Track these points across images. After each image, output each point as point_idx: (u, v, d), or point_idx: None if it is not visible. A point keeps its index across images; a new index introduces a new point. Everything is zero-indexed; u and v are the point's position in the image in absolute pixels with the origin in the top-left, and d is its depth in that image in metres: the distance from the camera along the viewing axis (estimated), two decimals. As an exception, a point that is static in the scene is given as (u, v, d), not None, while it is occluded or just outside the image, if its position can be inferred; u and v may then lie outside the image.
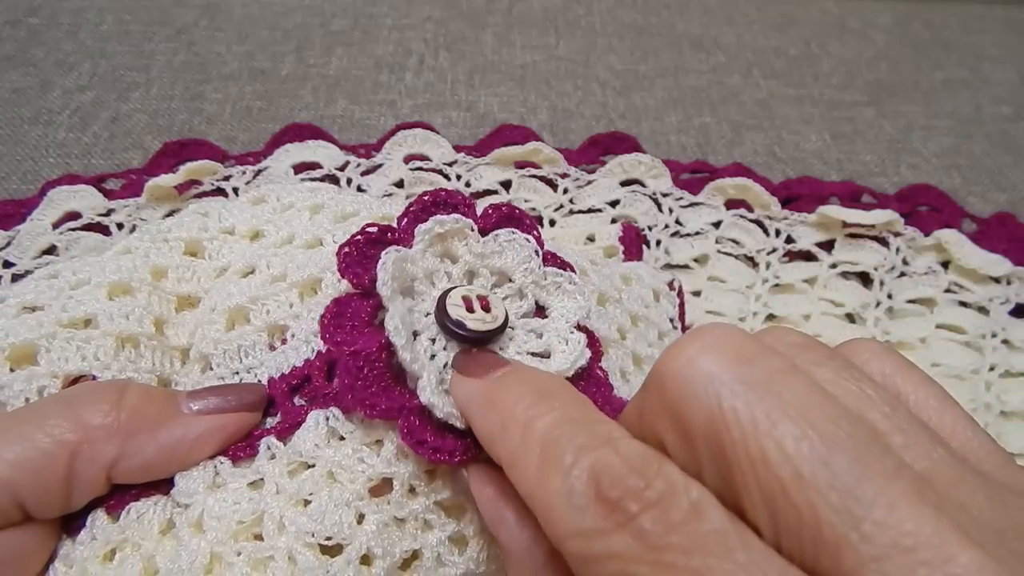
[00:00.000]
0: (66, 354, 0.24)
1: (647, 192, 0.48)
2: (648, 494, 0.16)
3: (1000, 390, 0.42)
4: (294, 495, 0.22)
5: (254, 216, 0.29)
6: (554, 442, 0.18)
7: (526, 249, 0.25)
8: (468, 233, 0.25)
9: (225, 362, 0.26)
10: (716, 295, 0.45)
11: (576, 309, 0.25)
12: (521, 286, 0.26)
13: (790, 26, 0.67)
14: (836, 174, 0.53)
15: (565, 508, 0.17)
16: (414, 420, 0.22)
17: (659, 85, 0.59)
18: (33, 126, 0.50)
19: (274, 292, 0.26)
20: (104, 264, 0.27)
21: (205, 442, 0.23)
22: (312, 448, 0.23)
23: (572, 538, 0.17)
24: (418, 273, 0.24)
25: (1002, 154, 0.57)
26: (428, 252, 0.25)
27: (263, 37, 0.60)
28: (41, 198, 0.42)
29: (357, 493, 0.22)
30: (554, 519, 0.17)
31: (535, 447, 0.18)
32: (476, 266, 0.26)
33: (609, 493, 0.16)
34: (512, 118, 0.54)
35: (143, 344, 0.25)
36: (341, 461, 0.23)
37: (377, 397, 0.22)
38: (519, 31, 0.63)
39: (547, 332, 0.25)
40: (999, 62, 0.66)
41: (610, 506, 0.16)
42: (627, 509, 0.16)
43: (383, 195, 0.46)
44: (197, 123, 0.52)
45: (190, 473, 0.23)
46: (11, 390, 0.24)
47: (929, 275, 0.46)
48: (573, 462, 0.17)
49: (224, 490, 0.23)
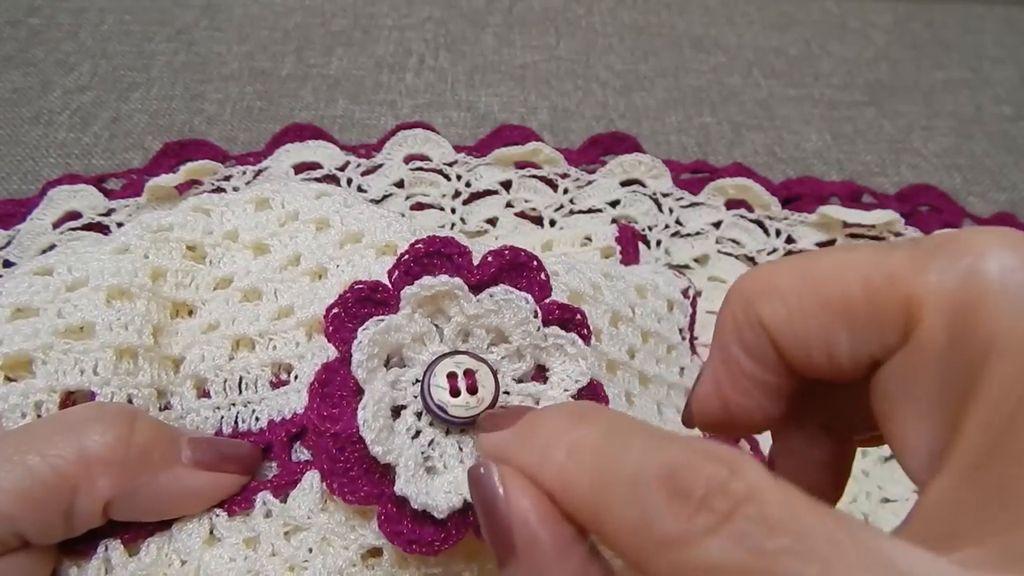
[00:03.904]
0: (64, 367, 0.24)
1: (647, 192, 0.48)
2: (736, 486, 0.13)
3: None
4: (289, 559, 0.22)
5: (258, 225, 0.28)
6: (608, 452, 0.15)
7: (523, 311, 0.23)
8: (459, 294, 0.23)
9: (224, 391, 0.25)
10: (716, 295, 0.45)
11: (578, 375, 0.23)
12: (519, 348, 0.24)
13: (790, 26, 0.67)
14: (836, 174, 0.53)
15: (639, 520, 0.14)
16: (391, 508, 0.22)
17: (659, 85, 0.59)
18: (33, 126, 0.50)
19: (283, 329, 0.26)
20: (102, 264, 0.25)
21: (200, 499, 0.23)
22: (307, 512, 0.23)
23: (657, 555, 0.14)
24: (405, 339, 0.23)
25: (1002, 154, 0.57)
26: (416, 315, 0.23)
27: (263, 37, 0.60)
28: (41, 198, 0.42)
29: (349, 560, 0.22)
30: (628, 537, 0.14)
31: (587, 464, 0.16)
32: (470, 327, 0.24)
33: (690, 489, 0.14)
34: (512, 118, 0.54)
35: (141, 356, 0.25)
36: (334, 528, 0.22)
37: (356, 483, 0.22)
38: (519, 31, 0.63)
39: (544, 400, 0.23)
40: (999, 62, 0.66)
41: (694, 505, 0.14)
42: (715, 506, 0.13)
43: (383, 195, 0.46)
44: (197, 123, 0.52)
45: (186, 526, 0.23)
46: (6, 403, 0.23)
47: (929, 275, 0.46)
48: (637, 465, 0.15)
49: (221, 546, 0.23)
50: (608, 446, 0.16)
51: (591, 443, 0.16)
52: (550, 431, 0.17)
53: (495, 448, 0.19)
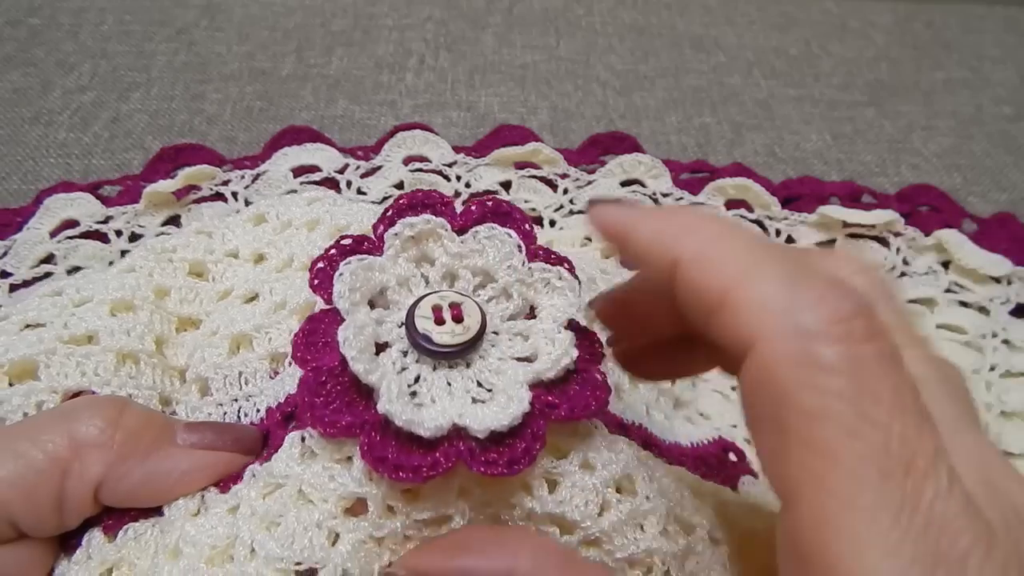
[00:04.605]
0: (65, 369, 0.24)
1: (647, 192, 0.48)
2: (876, 324, 0.16)
3: (1001, 390, 0.42)
4: (264, 517, 0.21)
5: (256, 239, 0.29)
6: (779, 255, 0.17)
7: (507, 244, 0.23)
8: (442, 232, 0.23)
9: (225, 387, 0.25)
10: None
11: (566, 307, 0.23)
12: (505, 285, 0.23)
13: (790, 26, 0.67)
14: (836, 174, 0.53)
15: (784, 298, 0.16)
16: (375, 436, 0.20)
17: (659, 85, 0.59)
18: (33, 126, 0.50)
19: (276, 320, 0.26)
20: (108, 281, 0.27)
21: (192, 478, 0.23)
22: (284, 467, 0.22)
23: (782, 335, 0.16)
24: (390, 281, 0.23)
25: (1003, 154, 0.57)
26: (401, 258, 0.23)
27: (263, 37, 0.60)
28: (37, 206, 0.42)
29: (329, 512, 0.21)
30: (771, 313, 0.16)
31: (748, 236, 0.18)
32: (455, 267, 0.23)
33: (840, 304, 0.16)
34: (512, 118, 0.54)
35: (143, 361, 0.25)
36: (311, 480, 0.21)
37: (339, 413, 0.20)
38: (519, 31, 0.63)
39: (533, 334, 0.23)
40: (1000, 62, 0.66)
41: (846, 313, 0.16)
42: (855, 327, 0.16)
43: (383, 197, 0.46)
44: (197, 123, 0.52)
45: (177, 503, 0.23)
46: (9, 404, 0.23)
47: (929, 275, 0.46)
48: (801, 263, 0.17)
49: (205, 515, 0.22)
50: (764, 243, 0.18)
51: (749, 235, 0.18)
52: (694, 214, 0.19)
53: (618, 218, 0.20)
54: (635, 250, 0.20)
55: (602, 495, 0.22)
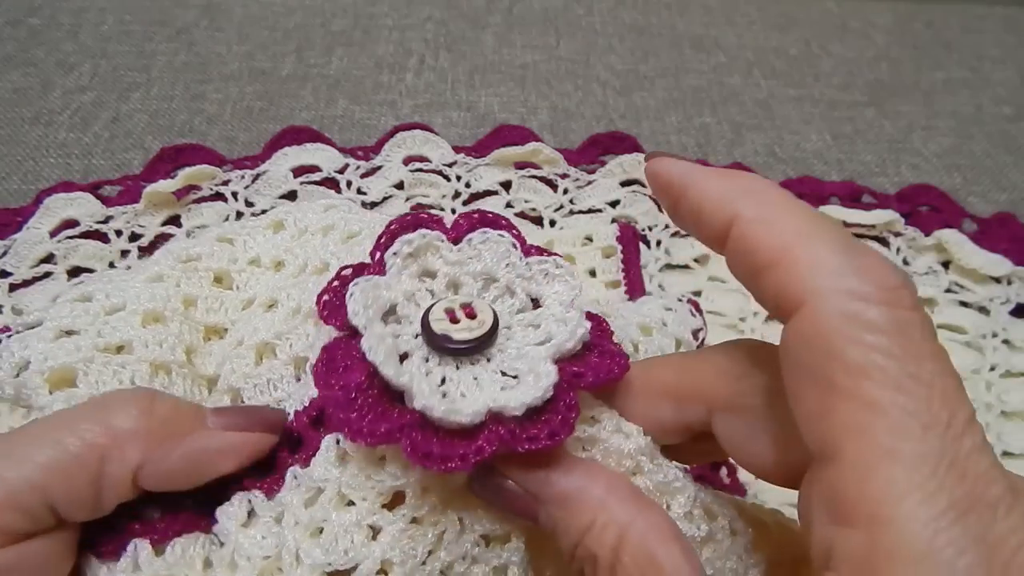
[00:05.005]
0: (103, 378, 0.25)
1: (647, 192, 0.48)
2: (918, 298, 0.17)
3: (1001, 390, 0.42)
4: (308, 524, 0.23)
5: (275, 246, 0.30)
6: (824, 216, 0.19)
7: (502, 244, 0.24)
8: (439, 244, 0.24)
9: (256, 396, 0.26)
10: (716, 295, 0.45)
11: (568, 291, 0.24)
12: (508, 283, 0.24)
13: (790, 26, 0.67)
14: (836, 174, 0.53)
15: (838, 262, 0.18)
16: (416, 435, 0.21)
17: (659, 85, 0.59)
18: (34, 126, 0.50)
19: (295, 326, 0.27)
20: (138, 291, 0.28)
21: (226, 456, 0.24)
22: (323, 472, 0.23)
23: (834, 294, 0.17)
24: (397, 297, 0.24)
25: (1003, 154, 0.57)
26: (404, 274, 0.24)
27: (263, 37, 0.60)
28: (37, 206, 0.42)
29: (369, 510, 0.22)
30: (825, 274, 0.18)
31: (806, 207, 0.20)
32: (456, 275, 0.25)
33: (890, 275, 0.17)
34: (512, 118, 0.54)
35: (175, 371, 0.26)
36: (349, 481, 0.22)
37: (376, 423, 0.21)
38: (519, 31, 0.63)
39: (544, 320, 0.24)
40: (1000, 62, 0.66)
41: (894, 283, 0.17)
42: (902, 296, 0.17)
43: (383, 197, 0.46)
44: (197, 123, 0.52)
45: (226, 509, 0.24)
46: (50, 411, 0.24)
47: (930, 275, 0.46)
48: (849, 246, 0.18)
49: (254, 525, 0.23)
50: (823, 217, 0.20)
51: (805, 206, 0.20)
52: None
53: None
54: (692, 204, 0.21)
55: (636, 460, 0.23)
